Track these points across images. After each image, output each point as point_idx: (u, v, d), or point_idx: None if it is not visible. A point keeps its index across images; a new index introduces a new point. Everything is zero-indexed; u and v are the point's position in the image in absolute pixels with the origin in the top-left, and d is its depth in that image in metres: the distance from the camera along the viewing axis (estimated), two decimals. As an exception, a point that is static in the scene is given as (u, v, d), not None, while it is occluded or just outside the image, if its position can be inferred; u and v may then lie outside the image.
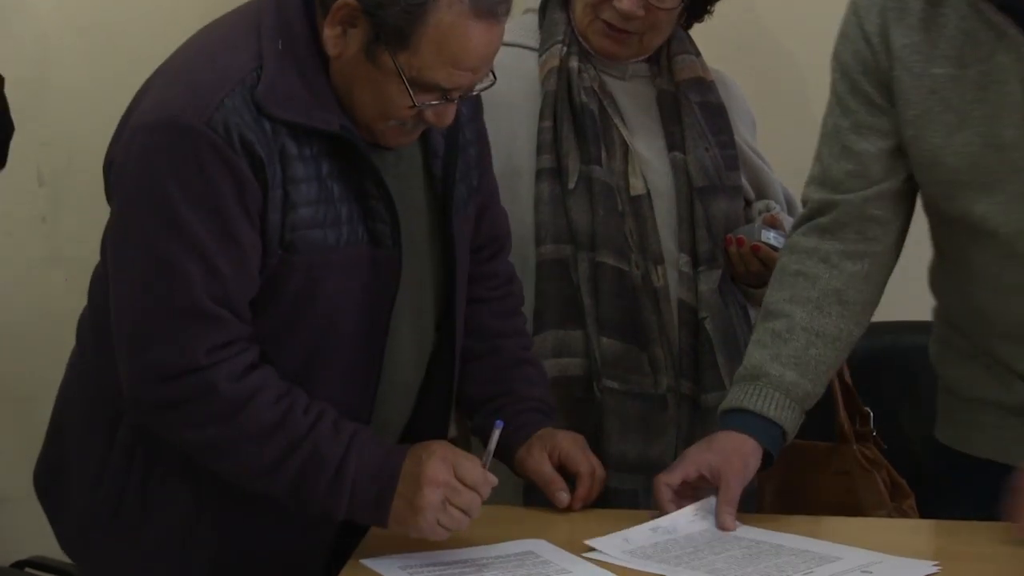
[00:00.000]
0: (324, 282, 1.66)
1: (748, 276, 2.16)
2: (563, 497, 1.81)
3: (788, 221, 2.18)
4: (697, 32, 2.25)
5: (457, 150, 1.79)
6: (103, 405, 1.76)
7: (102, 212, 2.93)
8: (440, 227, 1.79)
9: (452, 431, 2.00)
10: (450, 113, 1.67)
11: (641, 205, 2.11)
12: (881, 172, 1.91)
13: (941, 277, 1.99)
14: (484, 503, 1.66)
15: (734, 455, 1.81)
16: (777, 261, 1.96)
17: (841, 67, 1.92)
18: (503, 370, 1.89)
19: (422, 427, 1.82)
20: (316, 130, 1.63)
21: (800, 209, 1.99)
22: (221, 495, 1.74)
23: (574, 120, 2.10)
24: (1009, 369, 1.91)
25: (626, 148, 2.12)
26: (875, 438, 2.22)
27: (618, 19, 2.07)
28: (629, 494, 2.05)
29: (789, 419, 1.85)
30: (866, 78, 1.90)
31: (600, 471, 1.83)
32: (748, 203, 2.23)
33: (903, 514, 2.13)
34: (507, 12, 1.63)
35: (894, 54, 1.86)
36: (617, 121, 2.13)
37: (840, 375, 2.23)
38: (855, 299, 1.91)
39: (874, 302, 1.93)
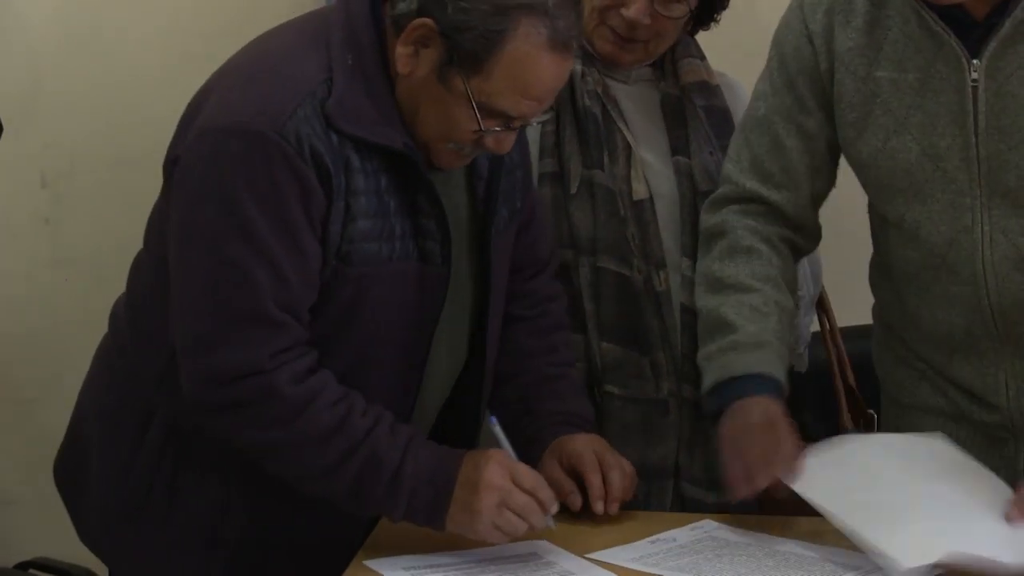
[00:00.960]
0: (372, 294, 1.69)
1: None
2: (574, 500, 1.81)
3: None
4: (702, 37, 2.25)
5: (501, 173, 1.81)
6: (136, 398, 1.78)
7: (105, 213, 2.97)
8: (479, 246, 1.81)
9: None
10: (510, 141, 1.71)
11: (643, 209, 2.12)
12: (807, 173, 1.94)
13: (878, 276, 2.01)
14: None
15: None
16: (709, 234, 1.99)
17: (780, 56, 1.94)
18: (528, 388, 1.90)
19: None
20: (379, 146, 1.66)
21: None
22: (248, 493, 1.77)
23: (577, 124, 2.11)
24: (942, 376, 1.92)
25: (629, 152, 2.12)
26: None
27: (624, 27, 2.06)
28: (630, 500, 2.05)
29: (786, 382, 1.90)
30: (802, 77, 1.92)
31: (623, 468, 1.82)
32: None
33: None
34: (579, 45, 1.67)
35: (837, 56, 1.87)
36: (621, 125, 2.13)
37: (843, 376, 2.25)
38: (792, 282, 1.97)
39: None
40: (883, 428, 2.04)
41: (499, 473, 1.67)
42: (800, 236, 1.99)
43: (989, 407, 1.89)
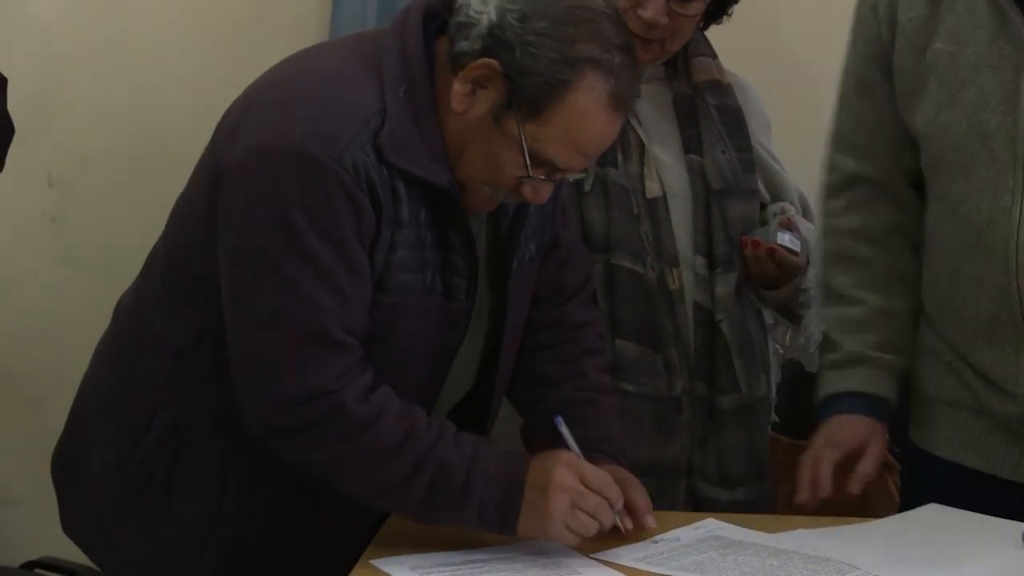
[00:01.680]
0: (399, 323, 1.70)
1: (763, 278, 2.18)
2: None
3: (803, 224, 2.21)
4: (713, 35, 2.25)
5: (527, 213, 1.80)
6: (139, 395, 1.79)
7: (112, 212, 2.98)
8: (496, 280, 1.81)
9: None
10: (546, 193, 1.71)
11: (657, 207, 2.13)
12: (889, 144, 1.96)
13: (923, 258, 2.02)
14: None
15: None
16: (822, 239, 2.04)
17: (853, 30, 1.98)
18: (553, 414, 1.86)
19: None
20: (425, 182, 1.66)
21: (812, 209, 2.06)
22: (246, 496, 1.77)
23: None
24: (966, 363, 1.92)
25: (642, 150, 2.13)
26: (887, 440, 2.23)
27: (642, 28, 2.06)
28: None
29: (893, 392, 1.99)
30: (869, 48, 1.95)
31: (644, 494, 1.81)
32: (763, 206, 2.25)
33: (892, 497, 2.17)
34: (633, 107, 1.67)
35: (898, 26, 1.89)
36: (634, 123, 2.14)
37: None
38: (912, 270, 1.98)
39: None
40: (910, 421, 2.05)
41: (568, 475, 1.68)
42: (905, 214, 2.00)
43: (1010, 397, 1.89)
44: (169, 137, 2.92)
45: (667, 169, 2.14)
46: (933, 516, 1.86)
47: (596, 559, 1.71)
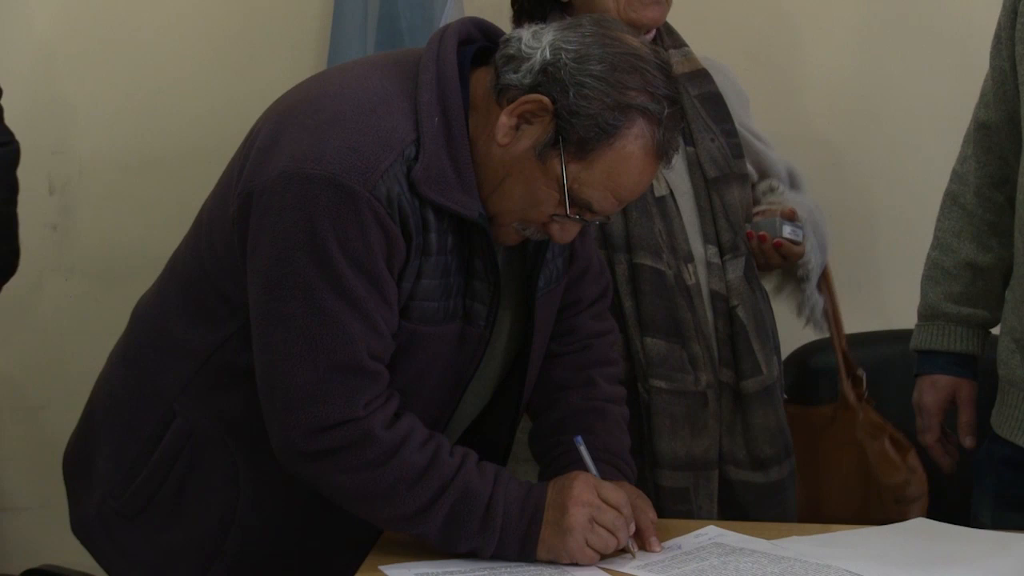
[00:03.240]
0: (419, 348, 1.72)
1: (767, 267, 2.24)
2: None
3: (794, 198, 2.26)
4: (683, 17, 2.30)
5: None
6: (156, 401, 1.80)
7: (112, 220, 2.99)
8: (521, 299, 1.82)
9: None
10: (573, 233, 1.73)
11: (666, 205, 2.17)
12: (1011, 92, 2.02)
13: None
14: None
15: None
16: (948, 185, 2.15)
17: None
18: (560, 422, 1.91)
19: None
20: (458, 215, 1.68)
21: (801, 179, 2.22)
22: (255, 507, 1.79)
23: None
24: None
25: None
26: (868, 399, 2.36)
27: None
28: (681, 492, 2.09)
29: (974, 345, 2.13)
30: (1005, 11, 2.02)
31: (650, 514, 1.81)
32: (752, 184, 2.28)
33: (913, 471, 2.27)
34: (672, 159, 1.71)
35: None
36: None
37: (840, 340, 2.36)
38: (1010, 226, 2.03)
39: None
40: (992, 401, 2.11)
41: (586, 490, 1.71)
42: (1011, 170, 2.05)
43: None
44: (169, 144, 2.93)
45: (668, 166, 2.17)
46: (926, 527, 1.87)
47: (600, 567, 1.72)
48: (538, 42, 1.66)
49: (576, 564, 1.70)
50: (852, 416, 2.34)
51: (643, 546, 1.76)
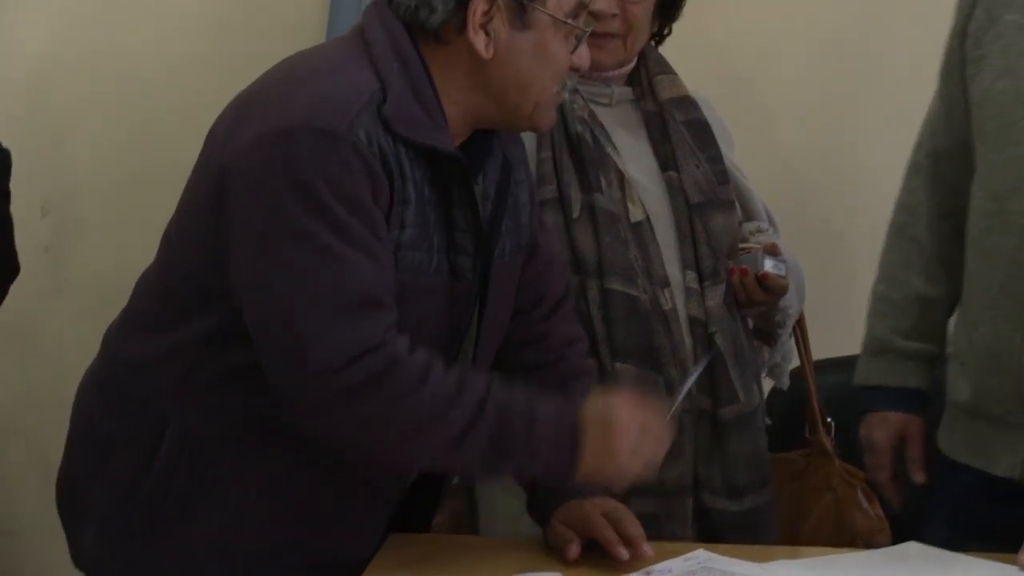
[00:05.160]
0: (411, 303, 1.72)
1: (750, 303, 2.22)
2: (572, 548, 1.81)
3: (777, 239, 2.26)
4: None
5: (504, 207, 1.84)
6: (143, 415, 1.79)
7: (105, 240, 2.99)
8: (480, 268, 1.83)
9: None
10: (588, 55, 1.80)
11: (642, 230, 2.17)
12: (959, 119, 2.01)
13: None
14: (501, 535, 1.67)
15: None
16: (894, 212, 2.12)
17: (955, 8, 2.04)
18: None
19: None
20: (434, 151, 1.71)
21: (774, 224, 2.20)
22: (261, 515, 1.78)
23: (571, 150, 2.14)
24: (971, 344, 1.96)
25: (621, 176, 2.18)
26: (835, 446, 2.37)
27: (595, 22, 2.10)
28: (650, 518, 2.07)
29: (924, 380, 2.09)
30: (957, 23, 2.01)
31: (636, 524, 1.82)
32: (739, 222, 2.30)
33: (881, 519, 2.28)
34: None
35: None
36: (610, 150, 2.20)
37: (813, 388, 2.37)
38: (959, 258, 2.02)
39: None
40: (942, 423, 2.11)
41: (628, 415, 1.71)
42: (961, 199, 2.03)
43: (999, 392, 1.92)
44: (163, 165, 2.92)
45: (647, 191, 2.20)
46: (917, 551, 1.88)
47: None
48: None
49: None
50: (828, 464, 2.34)
51: (636, 554, 1.76)
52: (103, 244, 3.00)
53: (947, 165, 2.06)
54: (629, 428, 1.70)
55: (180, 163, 2.61)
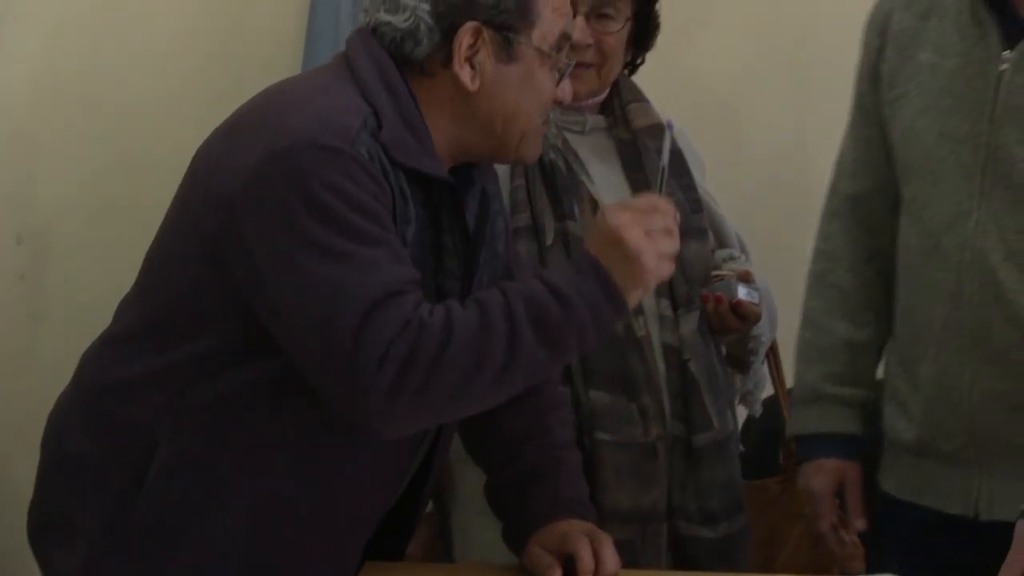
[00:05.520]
0: None
1: (724, 330, 2.23)
2: (553, 573, 1.80)
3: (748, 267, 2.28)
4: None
5: (486, 225, 1.86)
6: (128, 437, 1.77)
7: (82, 270, 2.97)
8: (465, 293, 1.83)
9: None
10: (571, 88, 1.83)
11: None
12: (878, 160, 2.03)
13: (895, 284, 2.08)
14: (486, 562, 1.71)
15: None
16: (812, 261, 2.11)
17: (861, 51, 2.07)
18: (520, 476, 1.91)
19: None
20: (426, 177, 1.73)
21: (748, 249, 2.21)
22: (248, 537, 1.77)
23: (544, 178, 2.15)
24: (915, 382, 1.97)
25: (595, 204, 2.18)
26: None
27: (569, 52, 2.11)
28: (626, 544, 2.07)
29: (858, 425, 2.04)
30: (866, 65, 2.04)
31: (614, 552, 1.82)
32: (711, 250, 2.31)
33: (856, 545, 2.24)
34: None
35: (890, 35, 2.00)
36: (583, 178, 2.22)
37: (787, 416, 2.36)
38: (883, 301, 2.04)
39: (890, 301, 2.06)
40: (880, 463, 2.10)
41: (620, 215, 1.71)
42: (884, 241, 2.05)
43: (947, 429, 1.93)
44: (141, 193, 2.93)
45: None
46: None
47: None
48: (404, 10, 1.74)
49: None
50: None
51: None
52: (79, 273, 2.99)
53: (867, 208, 2.06)
54: (632, 222, 1.70)
55: (157, 191, 2.61)
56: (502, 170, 2.14)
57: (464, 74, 1.73)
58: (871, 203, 2.07)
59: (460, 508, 2.17)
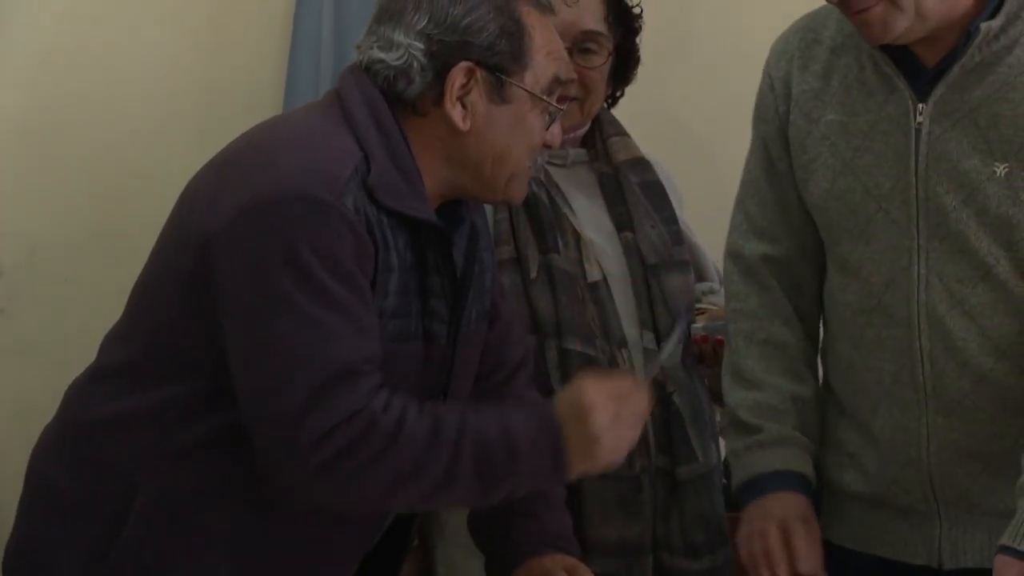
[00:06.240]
0: (391, 370, 1.73)
1: (714, 365, 2.23)
2: None
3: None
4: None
5: (475, 263, 1.86)
6: (109, 480, 1.76)
7: (63, 302, 2.96)
8: (452, 334, 1.84)
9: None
10: (559, 132, 1.85)
11: (599, 291, 2.19)
12: (795, 221, 2.01)
13: (823, 337, 2.07)
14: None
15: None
16: (732, 323, 2.06)
17: (756, 113, 2.06)
18: (504, 510, 1.89)
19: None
20: (413, 220, 1.73)
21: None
22: (237, 565, 1.76)
23: (528, 211, 2.16)
24: (867, 437, 1.96)
25: (578, 237, 2.19)
26: None
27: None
28: None
29: (813, 476, 1.98)
30: (767, 126, 2.02)
31: None
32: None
33: None
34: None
35: (793, 100, 1.98)
36: (566, 211, 2.23)
37: None
38: (814, 356, 2.03)
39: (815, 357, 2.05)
40: (821, 513, 2.06)
41: (597, 391, 1.71)
42: (805, 300, 2.04)
43: (905, 483, 1.93)
44: (121, 225, 2.92)
45: (603, 252, 2.23)
46: None
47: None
48: (400, 44, 1.74)
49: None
50: None
51: None
52: (59, 307, 2.98)
53: (789, 270, 2.03)
54: (604, 405, 1.70)
55: (137, 228, 2.61)
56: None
57: (456, 113, 1.75)
58: (793, 266, 2.03)
59: (445, 541, 2.16)
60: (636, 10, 2.28)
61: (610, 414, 1.69)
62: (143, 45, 2.95)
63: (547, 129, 1.81)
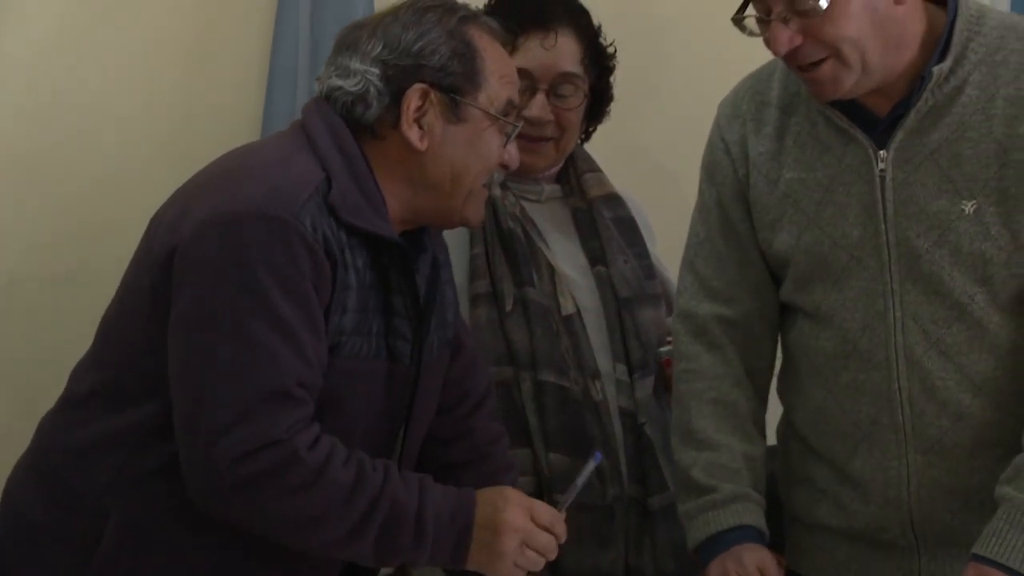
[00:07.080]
0: (351, 388, 1.77)
1: None
2: None
3: None
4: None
5: (437, 292, 1.89)
6: (78, 505, 1.78)
7: (40, 329, 2.93)
8: (416, 355, 1.87)
9: None
10: (517, 154, 1.88)
11: (573, 323, 2.21)
12: (752, 282, 2.03)
13: (785, 381, 2.10)
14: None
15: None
16: (679, 382, 2.07)
17: (706, 174, 2.08)
18: (450, 468, 1.95)
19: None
20: (376, 238, 1.77)
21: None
22: None
23: (503, 246, 2.16)
24: (842, 476, 1.97)
25: (552, 271, 2.20)
26: None
27: (530, 128, 2.14)
28: None
29: (765, 527, 2.00)
30: (724, 189, 2.04)
31: None
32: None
33: None
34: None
35: (751, 162, 2.01)
36: (541, 245, 2.24)
37: None
38: (762, 416, 2.05)
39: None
40: (787, 545, 2.10)
41: (519, 515, 1.77)
42: (759, 360, 2.06)
43: (885, 521, 1.95)
44: (96, 256, 2.91)
45: (577, 286, 2.26)
46: None
47: None
48: (356, 71, 1.79)
49: None
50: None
51: None
52: (34, 338, 2.96)
53: (745, 331, 2.04)
54: (517, 528, 1.75)
55: (112, 258, 2.60)
56: (462, 238, 2.15)
57: (412, 134, 1.79)
58: (750, 326, 2.05)
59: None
60: (610, 50, 2.31)
61: (520, 539, 1.75)
62: (119, 83, 2.95)
63: (504, 148, 1.85)
